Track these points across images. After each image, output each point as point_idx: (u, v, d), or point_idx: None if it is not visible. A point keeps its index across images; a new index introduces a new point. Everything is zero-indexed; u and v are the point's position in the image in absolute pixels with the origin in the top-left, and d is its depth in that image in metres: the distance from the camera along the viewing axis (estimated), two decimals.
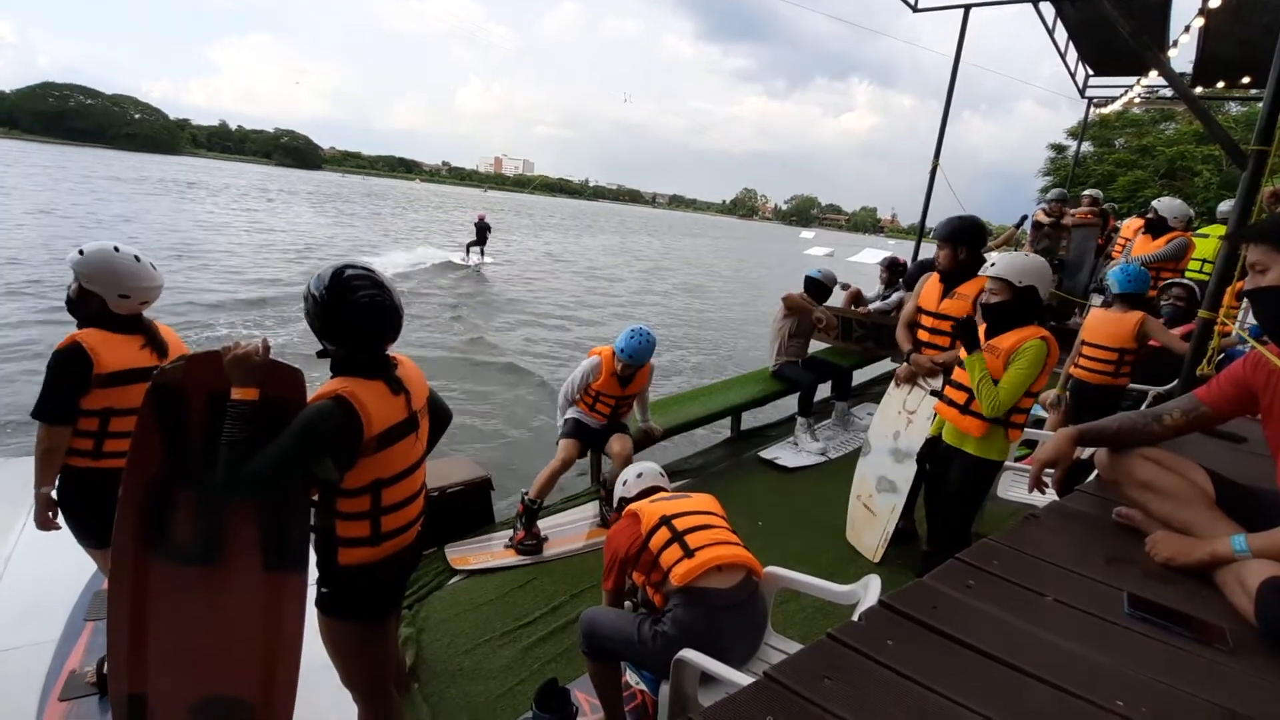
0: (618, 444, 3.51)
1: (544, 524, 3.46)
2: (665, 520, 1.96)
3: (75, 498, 2.04)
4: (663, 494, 2.22)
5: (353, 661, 1.70)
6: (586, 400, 3.53)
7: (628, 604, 2.20)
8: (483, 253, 18.78)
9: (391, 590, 1.76)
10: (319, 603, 1.64)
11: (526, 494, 3.30)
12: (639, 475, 2.36)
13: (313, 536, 1.62)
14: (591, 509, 3.72)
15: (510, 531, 3.32)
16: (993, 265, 2.54)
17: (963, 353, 2.59)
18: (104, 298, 1.97)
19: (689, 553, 1.87)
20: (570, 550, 3.32)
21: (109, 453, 2.00)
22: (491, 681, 2.42)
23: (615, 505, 2.33)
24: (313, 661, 1.68)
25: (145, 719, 1.53)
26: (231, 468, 1.39)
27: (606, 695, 2.03)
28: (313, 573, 1.64)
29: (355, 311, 1.51)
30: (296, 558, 1.57)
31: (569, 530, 3.52)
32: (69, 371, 1.89)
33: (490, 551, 3.22)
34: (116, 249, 1.98)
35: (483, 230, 18.64)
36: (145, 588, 1.51)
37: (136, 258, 1.99)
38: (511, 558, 3.18)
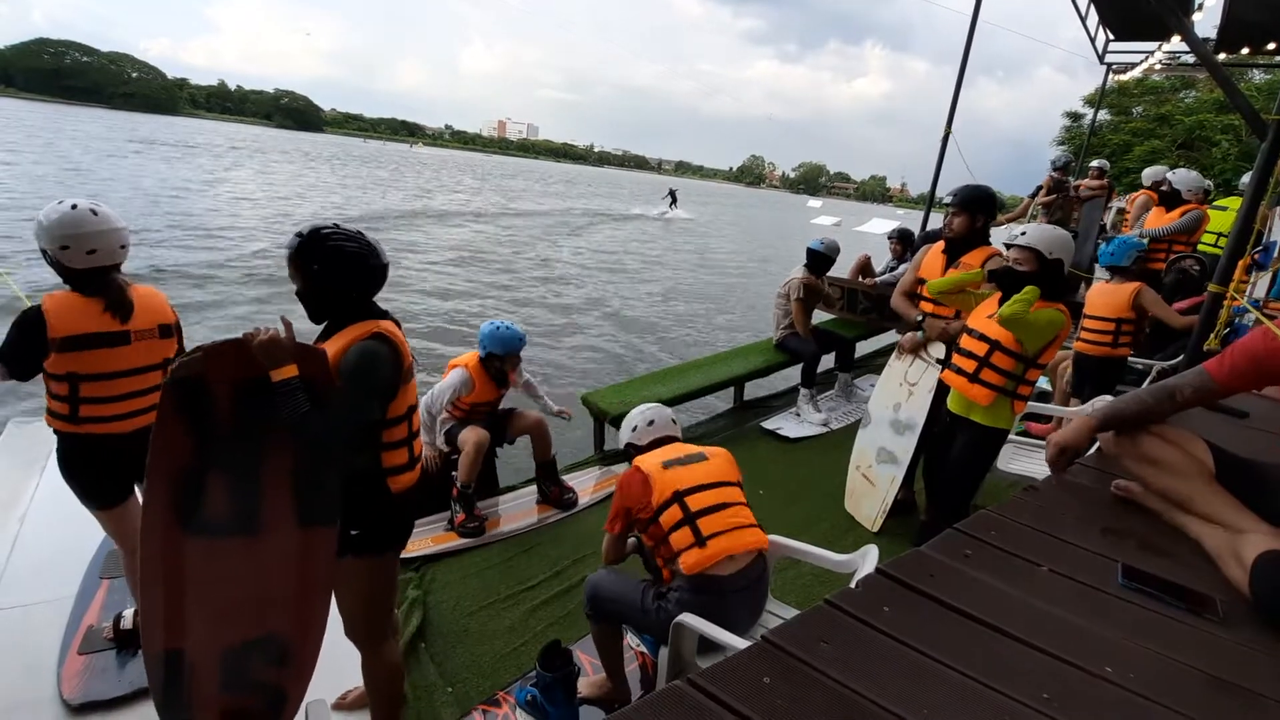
0: (521, 419, 3.42)
1: (485, 504, 3.37)
2: (678, 497, 1.89)
3: (64, 460, 2.06)
4: (676, 447, 2.11)
5: (366, 601, 1.78)
6: (459, 412, 3.32)
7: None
8: (675, 206, 32.57)
9: (414, 516, 1.91)
10: (345, 547, 1.67)
11: (456, 480, 3.19)
12: (650, 423, 2.21)
13: (345, 487, 1.65)
14: (529, 489, 3.61)
15: (446, 513, 3.25)
16: (1023, 234, 2.50)
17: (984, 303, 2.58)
18: (67, 261, 1.91)
19: (700, 541, 1.84)
20: (516, 529, 3.25)
21: (86, 418, 1.98)
22: (496, 642, 2.48)
23: (623, 450, 2.25)
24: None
25: (182, 664, 1.59)
26: (317, 435, 1.48)
27: (608, 656, 2.08)
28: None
29: (351, 261, 1.62)
30: (329, 512, 1.61)
31: (514, 508, 3.43)
32: (23, 332, 1.87)
33: (433, 536, 3.13)
34: (75, 206, 1.90)
35: (673, 193, 33.52)
36: (180, 562, 1.54)
37: (94, 211, 1.92)
38: (454, 541, 3.10)
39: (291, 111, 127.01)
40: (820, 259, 4.86)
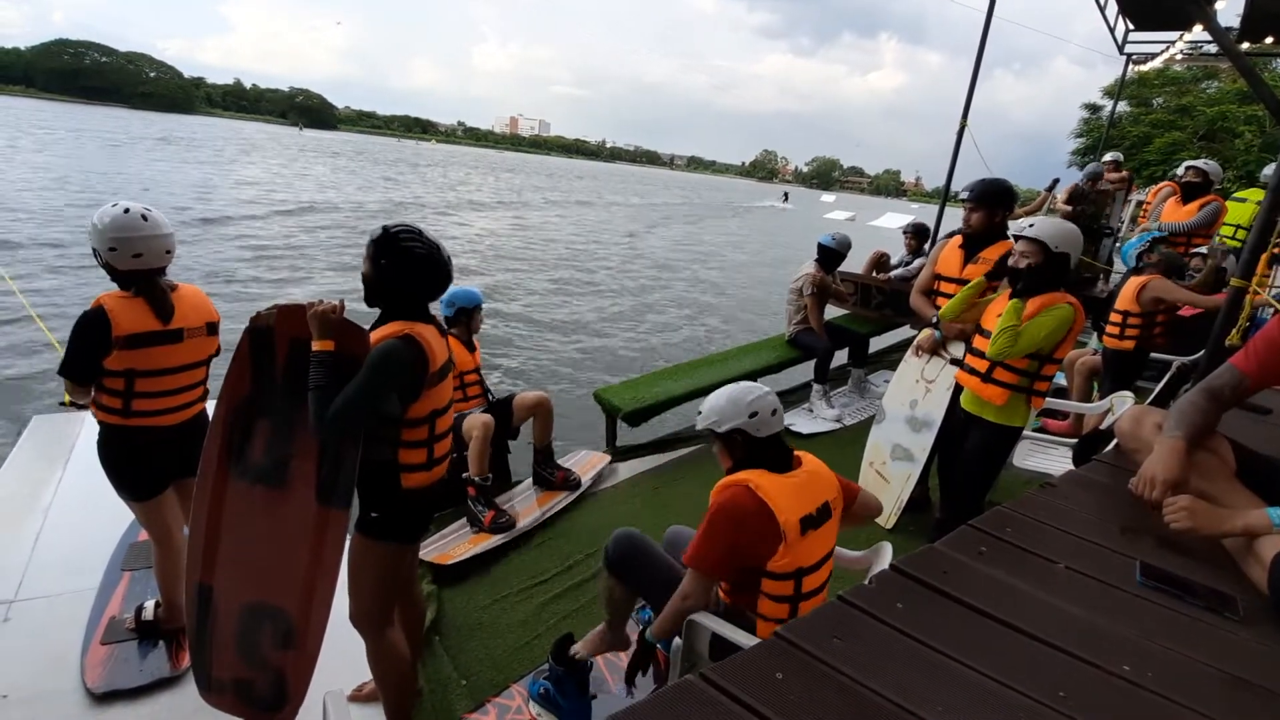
0: (523, 401, 3.43)
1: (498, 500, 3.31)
2: (799, 575, 1.62)
3: (109, 452, 2.12)
4: (808, 485, 1.69)
5: (373, 583, 1.82)
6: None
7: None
8: (787, 201, 50.94)
9: (431, 512, 1.94)
10: (364, 528, 1.77)
11: (469, 479, 3.14)
12: (774, 412, 1.71)
13: (364, 471, 1.73)
14: (524, 483, 3.59)
15: (464, 519, 3.16)
16: (1031, 226, 2.47)
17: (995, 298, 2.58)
18: (114, 262, 1.98)
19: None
20: (539, 517, 3.24)
21: (137, 411, 2.06)
22: (509, 636, 2.50)
23: (723, 438, 1.74)
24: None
25: (210, 604, 1.81)
26: (320, 409, 1.59)
27: (614, 610, 2.03)
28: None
29: (417, 265, 1.71)
30: (344, 496, 1.70)
31: (519, 504, 3.39)
32: (88, 335, 1.95)
33: (469, 540, 3.03)
34: (127, 210, 1.97)
35: (786, 194, 53.45)
36: (221, 497, 1.79)
37: (144, 216, 1.98)
38: (491, 540, 3.02)
39: (306, 110, 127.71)
40: (831, 254, 4.82)
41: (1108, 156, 7.03)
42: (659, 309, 11.96)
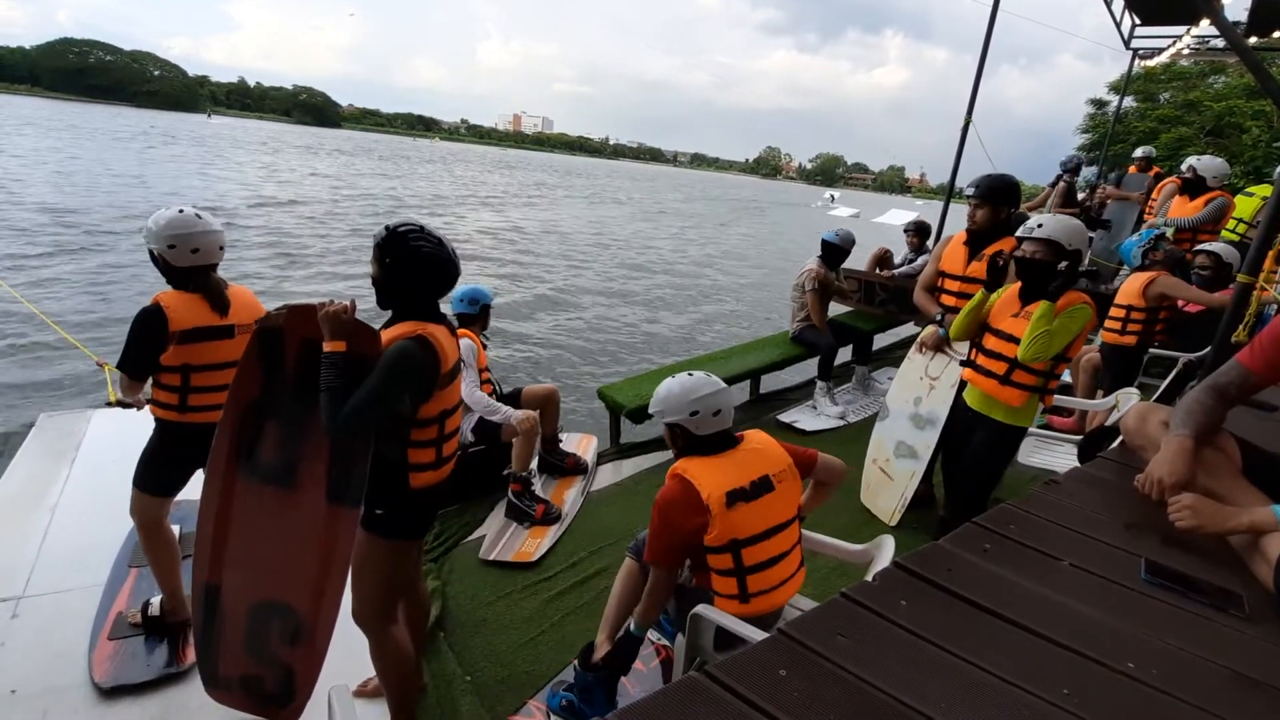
0: (532, 394, 3.49)
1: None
2: (735, 547, 1.69)
3: (162, 448, 2.19)
4: (740, 462, 1.74)
5: (381, 580, 1.83)
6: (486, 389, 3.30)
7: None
8: (834, 200, 55.43)
9: (436, 510, 1.97)
10: (369, 524, 1.77)
11: (515, 475, 3.19)
12: (717, 413, 1.73)
13: (372, 469, 1.73)
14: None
15: (503, 517, 3.21)
16: (1040, 226, 2.44)
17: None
18: (172, 260, 2.07)
19: (744, 597, 1.73)
20: (568, 505, 3.35)
21: (193, 407, 2.12)
22: (514, 632, 2.51)
23: (666, 426, 1.81)
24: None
25: (218, 603, 1.82)
26: (333, 409, 1.58)
27: (619, 602, 2.04)
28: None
29: (424, 263, 1.71)
30: (355, 494, 1.71)
31: (540, 489, 3.44)
32: (146, 330, 2.04)
33: (529, 533, 3.11)
34: (181, 210, 2.08)
35: (832, 196, 57.50)
36: (230, 498, 1.80)
37: (198, 215, 2.10)
38: (552, 530, 3.13)
39: (310, 108, 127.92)
40: (834, 250, 4.81)
41: (1138, 152, 6.90)
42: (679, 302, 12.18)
